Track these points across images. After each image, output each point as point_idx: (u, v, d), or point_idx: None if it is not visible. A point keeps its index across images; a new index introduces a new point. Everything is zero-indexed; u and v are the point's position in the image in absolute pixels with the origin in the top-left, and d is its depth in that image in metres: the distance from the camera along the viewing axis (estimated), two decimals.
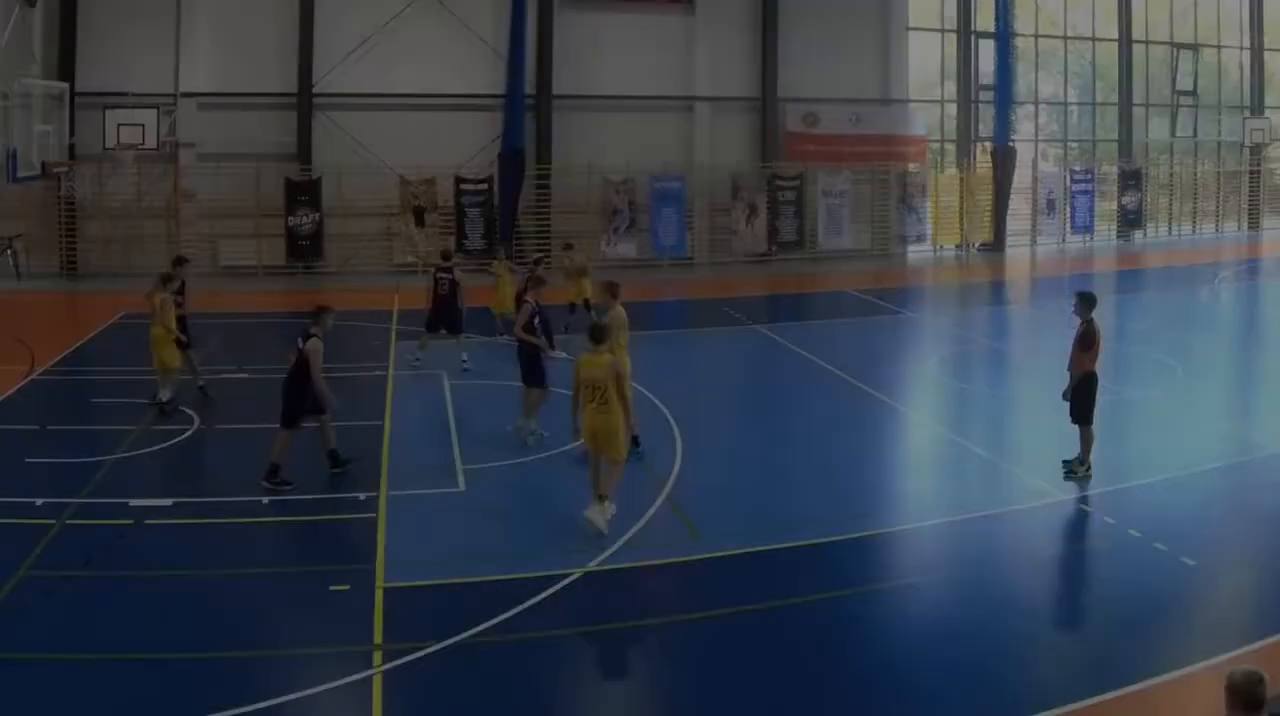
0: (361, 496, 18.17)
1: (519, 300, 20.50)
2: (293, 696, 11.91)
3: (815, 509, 17.87)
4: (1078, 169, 57.05)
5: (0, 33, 32.66)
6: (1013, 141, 53.43)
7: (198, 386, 24.15)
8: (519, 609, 14.03)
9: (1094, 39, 58.39)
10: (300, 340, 18.76)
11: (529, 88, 46.10)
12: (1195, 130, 59.94)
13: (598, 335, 17.06)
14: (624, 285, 20.62)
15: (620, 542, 16.25)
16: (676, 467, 19.73)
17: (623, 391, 16.85)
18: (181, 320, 23.75)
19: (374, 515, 17.36)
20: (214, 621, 13.91)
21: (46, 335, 27.04)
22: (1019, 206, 54.95)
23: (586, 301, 29.60)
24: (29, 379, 25.78)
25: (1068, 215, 56.03)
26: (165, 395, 22.87)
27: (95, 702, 11.94)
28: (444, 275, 27.60)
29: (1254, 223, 61.67)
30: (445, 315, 27.45)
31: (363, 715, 11.78)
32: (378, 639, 13.35)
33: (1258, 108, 61.22)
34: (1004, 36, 52.32)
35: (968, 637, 13.48)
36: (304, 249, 43.59)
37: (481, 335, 29.32)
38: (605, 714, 12.55)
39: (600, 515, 16.44)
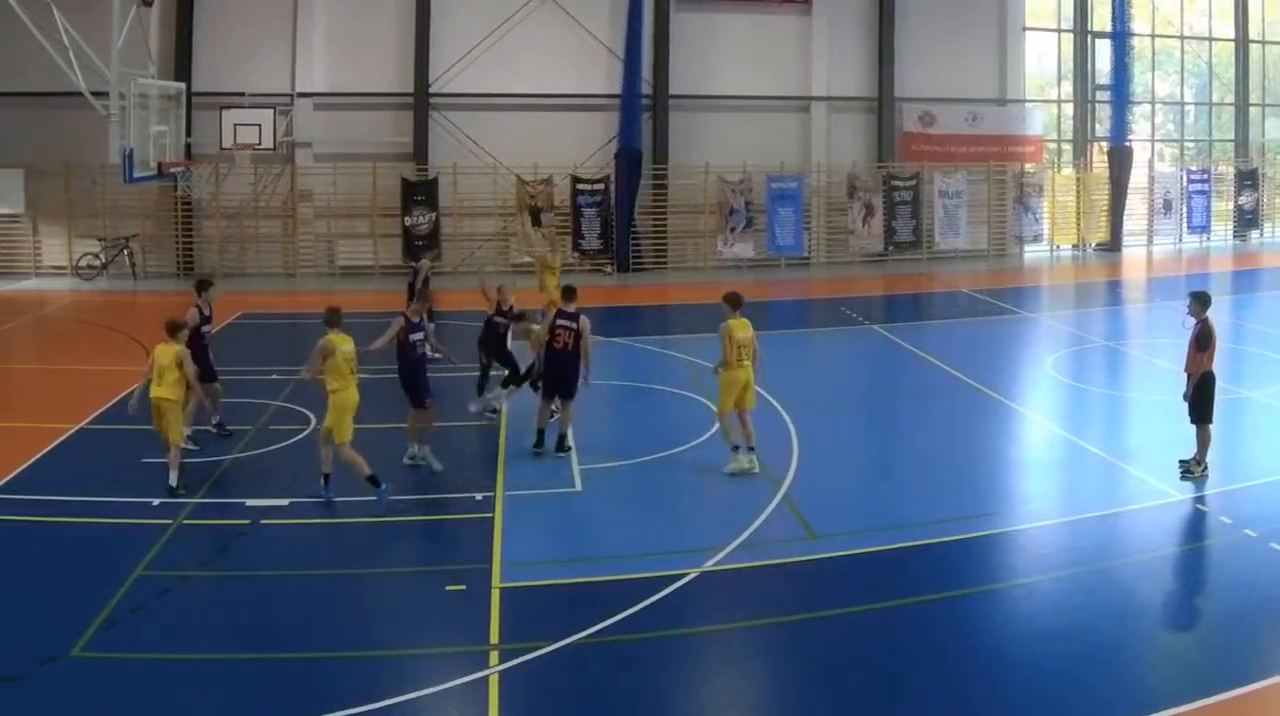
0: (478, 496, 18.28)
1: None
2: (409, 696, 11.99)
3: (932, 509, 17.73)
4: (1194, 169, 55.98)
5: (116, 33, 33.02)
6: (1129, 141, 52.80)
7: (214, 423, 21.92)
8: (635, 609, 14.03)
9: (1210, 39, 57.45)
10: (571, 321, 20.28)
11: (645, 88, 46.22)
12: None
13: (734, 300, 19.47)
14: (740, 285, 20.71)
15: (736, 543, 16.24)
16: (793, 467, 19.66)
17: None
18: (205, 349, 21.60)
19: (490, 515, 17.44)
20: (330, 621, 14.09)
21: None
22: (1135, 206, 54.27)
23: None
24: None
25: (1184, 215, 55.11)
26: (173, 478, 18.61)
27: (211, 702, 12.11)
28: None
29: None
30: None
31: (479, 715, 11.80)
32: (494, 639, 13.39)
33: None
34: (1120, 36, 51.77)
35: (1084, 637, 13.29)
36: (420, 249, 43.49)
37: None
38: (721, 714, 12.45)
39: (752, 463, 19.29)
